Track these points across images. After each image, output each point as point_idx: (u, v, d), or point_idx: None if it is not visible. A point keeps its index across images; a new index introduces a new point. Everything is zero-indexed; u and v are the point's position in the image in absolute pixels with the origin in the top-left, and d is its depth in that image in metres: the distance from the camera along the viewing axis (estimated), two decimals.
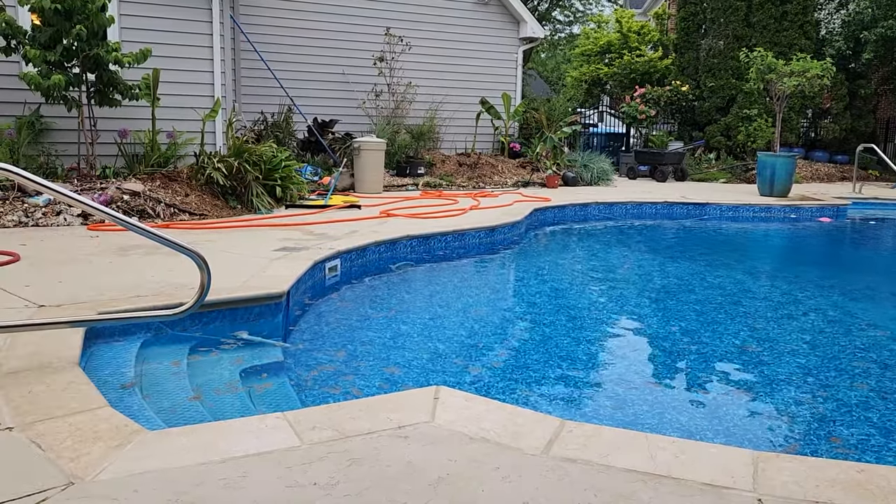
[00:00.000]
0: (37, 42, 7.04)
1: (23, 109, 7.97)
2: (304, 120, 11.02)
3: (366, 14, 12.23)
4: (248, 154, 7.86)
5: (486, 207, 8.90)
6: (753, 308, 5.40)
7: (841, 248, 9.14)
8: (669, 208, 10.36)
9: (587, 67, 19.77)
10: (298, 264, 5.08)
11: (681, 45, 16.94)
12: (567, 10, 28.33)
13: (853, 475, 2.19)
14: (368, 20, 12.22)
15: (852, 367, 3.99)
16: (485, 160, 12.47)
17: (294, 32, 11.68)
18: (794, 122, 15.57)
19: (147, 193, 7.15)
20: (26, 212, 6.62)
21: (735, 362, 4.08)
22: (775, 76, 12.16)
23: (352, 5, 12.14)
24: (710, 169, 14.88)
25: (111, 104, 7.67)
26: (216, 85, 9.04)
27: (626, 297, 5.87)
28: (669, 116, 16.73)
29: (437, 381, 3.58)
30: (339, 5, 12.04)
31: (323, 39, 11.95)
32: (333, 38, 12.02)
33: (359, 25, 12.17)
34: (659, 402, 3.47)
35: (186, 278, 4.47)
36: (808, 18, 15.53)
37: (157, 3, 8.66)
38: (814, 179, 15.15)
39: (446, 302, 5.39)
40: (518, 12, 13.73)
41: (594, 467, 2.21)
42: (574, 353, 4.23)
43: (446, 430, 2.45)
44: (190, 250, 3.03)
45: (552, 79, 34.20)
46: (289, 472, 2.14)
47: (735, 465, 2.24)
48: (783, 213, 10.52)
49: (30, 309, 3.77)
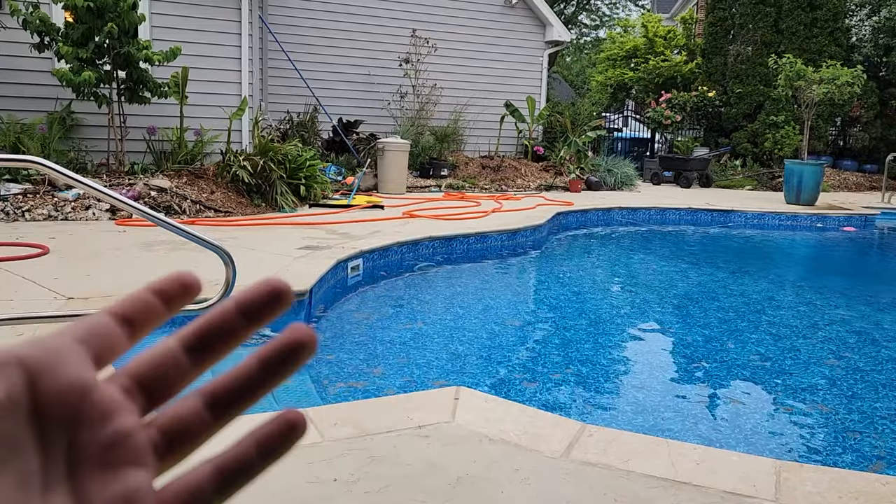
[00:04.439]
0: (69, 39, 7.16)
1: (54, 105, 8.11)
2: (329, 120, 11.09)
3: (392, 16, 12.29)
4: (274, 153, 7.94)
5: (509, 210, 8.89)
6: (777, 317, 5.34)
7: (868, 259, 9.00)
8: (693, 215, 10.27)
9: (612, 72, 19.67)
10: (321, 263, 5.11)
11: (708, 50, 16.79)
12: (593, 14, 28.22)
13: (877, 487, 2.16)
14: (395, 21, 12.27)
15: (878, 379, 3.93)
16: (508, 163, 12.46)
17: (321, 33, 11.77)
18: (822, 130, 15.36)
19: (174, 190, 7.25)
20: (56, 206, 6.73)
21: (758, 371, 4.04)
22: (804, 83, 12.02)
23: (378, 6, 12.21)
24: (735, 176, 14.73)
25: (141, 101, 7.78)
26: (243, 84, 9.13)
27: (647, 303, 5.83)
28: (695, 122, 16.59)
29: (457, 381, 3.58)
30: (366, 6, 12.11)
31: (349, 40, 12.02)
32: (359, 39, 12.09)
33: (385, 27, 12.23)
34: (680, 408, 3.45)
35: (211, 274, 4.52)
36: (839, 25, 15.32)
37: (187, 3, 8.77)
38: (841, 188, 14.94)
39: (467, 303, 5.39)
40: (544, 15, 13.71)
41: (614, 472, 2.20)
42: (594, 358, 4.21)
43: (466, 431, 2.46)
44: (216, 246, 3.07)
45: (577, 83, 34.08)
46: (310, 467, 2.16)
47: (757, 474, 2.22)
48: (809, 222, 10.38)
49: (58, 301, 3.83)
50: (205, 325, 0.31)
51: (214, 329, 0.31)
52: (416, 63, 12.03)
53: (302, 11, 11.57)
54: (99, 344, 0.29)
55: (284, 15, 11.37)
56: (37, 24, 7.08)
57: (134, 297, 0.31)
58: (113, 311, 0.31)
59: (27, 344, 0.28)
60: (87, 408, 0.28)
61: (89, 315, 0.30)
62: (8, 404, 0.26)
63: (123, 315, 0.31)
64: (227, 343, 0.31)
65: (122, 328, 0.30)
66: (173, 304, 0.32)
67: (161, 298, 0.31)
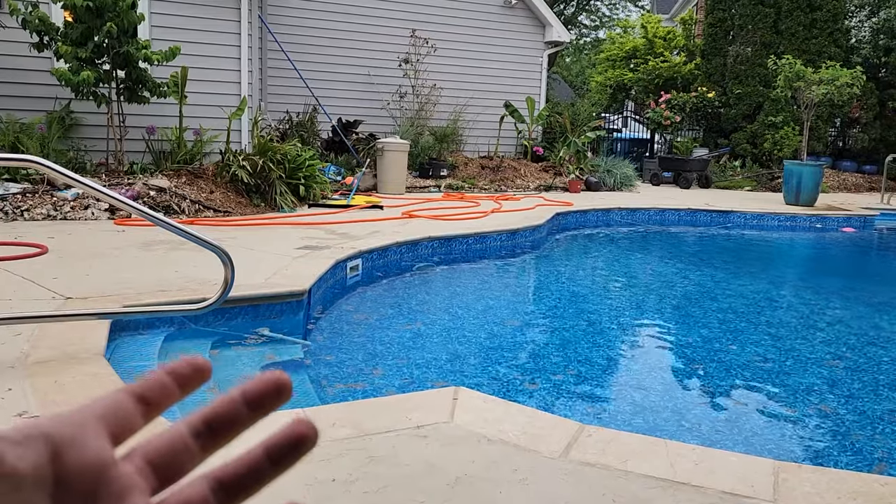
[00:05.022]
0: (68, 39, 7.16)
1: (54, 105, 8.11)
2: (328, 120, 11.09)
3: (392, 16, 12.29)
4: (273, 153, 7.93)
5: (508, 211, 8.89)
6: (776, 317, 5.34)
7: (867, 259, 9.01)
8: (693, 215, 10.28)
9: (612, 72, 19.68)
10: (320, 263, 5.11)
11: (708, 50, 16.79)
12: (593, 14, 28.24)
13: (876, 488, 2.16)
14: (394, 22, 12.27)
15: (877, 379, 3.93)
16: (507, 163, 12.46)
17: (320, 33, 11.76)
18: (821, 131, 15.36)
19: (173, 189, 7.24)
20: (55, 205, 6.73)
21: (757, 371, 4.04)
22: (803, 84, 12.02)
23: (378, 7, 12.20)
24: (735, 176, 14.74)
25: (140, 101, 7.77)
26: (243, 83, 9.12)
27: (646, 304, 5.83)
28: (695, 123, 16.59)
29: (456, 381, 3.58)
30: (366, 6, 12.10)
31: (348, 40, 12.01)
32: (359, 39, 12.09)
33: (384, 27, 12.23)
34: (679, 409, 3.45)
35: (210, 274, 4.52)
36: (838, 26, 15.32)
37: (187, 2, 8.77)
38: (841, 189, 14.94)
39: (466, 304, 5.39)
40: (544, 16, 13.71)
41: (613, 472, 2.20)
42: (593, 358, 4.21)
43: (465, 431, 2.46)
44: (215, 246, 3.07)
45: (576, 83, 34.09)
46: (308, 467, 2.16)
47: (755, 474, 2.22)
48: (809, 223, 10.38)
49: (57, 300, 3.83)
50: (212, 412, 0.33)
51: (221, 417, 0.33)
52: (415, 63, 12.03)
53: (301, 11, 11.56)
54: (118, 422, 0.31)
55: (284, 15, 11.37)
56: (36, 23, 7.07)
57: (152, 380, 0.33)
58: (131, 390, 0.32)
59: (51, 418, 0.29)
60: (105, 485, 0.29)
61: (109, 393, 0.32)
62: (33, 477, 0.27)
63: (142, 395, 0.32)
64: (233, 431, 0.33)
65: (139, 407, 0.32)
66: (187, 387, 0.34)
67: (176, 381, 0.33)
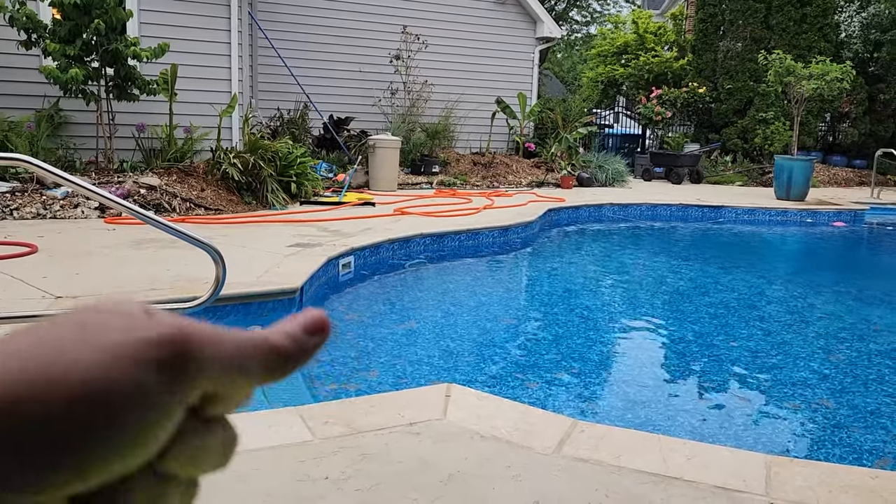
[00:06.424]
0: (56, 36, 7.10)
1: (42, 103, 8.05)
2: (319, 117, 11.06)
3: (383, 12, 12.25)
4: (264, 150, 7.90)
5: (500, 207, 8.89)
6: (767, 312, 5.37)
7: (857, 253, 9.06)
8: (684, 210, 10.30)
9: (603, 68, 19.72)
10: (312, 260, 5.10)
11: (698, 46, 16.82)
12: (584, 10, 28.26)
13: (867, 481, 2.17)
14: (385, 18, 12.24)
15: (867, 373, 3.95)
16: (499, 160, 12.45)
17: (311, 30, 11.72)
18: (811, 126, 15.42)
19: (163, 188, 7.21)
20: (44, 204, 6.68)
21: (748, 366, 4.06)
22: (794, 79, 12.06)
23: (369, 3, 12.17)
24: (726, 172, 14.78)
25: (129, 99, 7.72)
26: (233, 81, 9.08)
27: (639, 299, 5.85)
28: (686, 118, 16.63)
29: (449, 378, 3.58)
30: (356, 3, 12.06)
31: (339, 37, 11.98)
32: (350, 35, 12.05)
33: (376, 23, 12.19)
34: (671, 404, 3.46)
35: (201, 272, 4.50)
36: (828, 21, 15.37)
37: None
38: (831, 184, 15.01)
39: (459, 300, 5.39)
40: (535, 12, 13.70)
41: (606, 468, 2.21)
42: (586, 354, 4.22)
43: (458, 428, 2.46)
44: (206, 244, 3.05)
45: (568, 79, 34.11)
46: (301, 465, 2.16)
47: (747, 468, 2.23)
48: (799, 218, 10.43)
49: (47, 300, 3.81)
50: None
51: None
52: (406, 60, 12.00)
53: (292, 8, 11.52)
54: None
55: (274, 12, 11.32)
56: (23, 20, 7.02)
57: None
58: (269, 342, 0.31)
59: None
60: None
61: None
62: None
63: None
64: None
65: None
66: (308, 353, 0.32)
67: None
